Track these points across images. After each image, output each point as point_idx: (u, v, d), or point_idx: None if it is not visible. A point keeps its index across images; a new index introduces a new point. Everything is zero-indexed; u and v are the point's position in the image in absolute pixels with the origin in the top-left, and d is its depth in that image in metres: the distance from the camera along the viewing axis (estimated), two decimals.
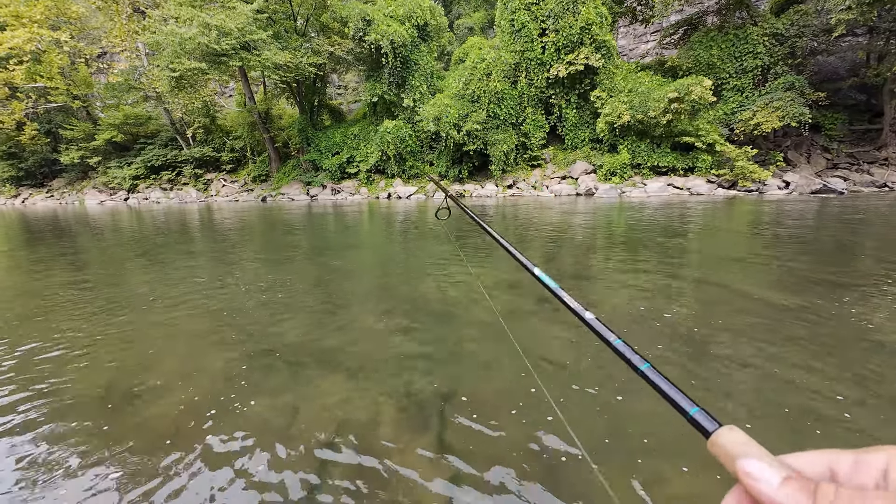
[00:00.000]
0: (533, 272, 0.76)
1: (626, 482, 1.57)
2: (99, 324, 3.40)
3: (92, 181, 31.98)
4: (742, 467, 0.29)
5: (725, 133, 18.59)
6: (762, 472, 0.28)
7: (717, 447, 0.32)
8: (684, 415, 0.38)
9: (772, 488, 0.27)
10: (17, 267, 6.18)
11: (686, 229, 7.81)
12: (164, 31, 19.69)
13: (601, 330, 0.52)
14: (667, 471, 1.61)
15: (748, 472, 0.28)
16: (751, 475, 0.28)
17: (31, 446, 1.87)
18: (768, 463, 0.28)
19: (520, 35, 21.02)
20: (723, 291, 3.82)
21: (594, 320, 0.54)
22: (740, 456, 0.30)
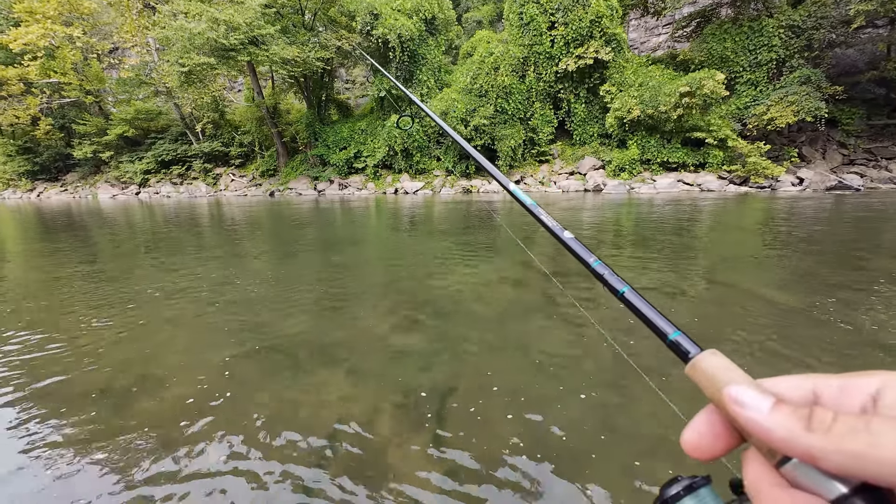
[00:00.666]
0: (507, 188, 0.72)
1: (625, 483, 1.56)
2: (106, 316, 3.46)
3: (104, 175, 32.46)
4: (729, 393, 0.27)
5: (738, 128, 18.23)
6: (751, 398, 0.26)
7: (697, 372, 0.31)
8: (663, 339, 0.37)
9: (761, 415, 0.25)
10: (32, 259, 6.32)
11: (695, 226, 7.70)
12: (174, 26, 19.81)
13: (579, 250, 0.50)
14: (664, 474, 1.60)
15: (735, 398, 0.27)
16: (738, 401, 0.26)
17: (35, 434, 1.91)
18: (755, 389, 0.27)
19: (528, 28, 20.77)
20: (729, 291, 3.76)
21: (572, 240, 0.52)
22: (726, 381, 0.28)
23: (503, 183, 0.74)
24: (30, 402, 2.20)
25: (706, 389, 0.30)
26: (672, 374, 2.28)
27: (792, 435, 0.24)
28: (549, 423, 1.92)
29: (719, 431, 0.29)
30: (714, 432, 0.29)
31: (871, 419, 0.22)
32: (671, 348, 0.36)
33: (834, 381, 0.26)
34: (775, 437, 0.24)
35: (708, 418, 0.29)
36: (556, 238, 0.54)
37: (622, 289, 0.42)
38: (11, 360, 2.71)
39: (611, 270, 0.45)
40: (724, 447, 0.29)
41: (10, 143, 32.09)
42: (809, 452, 0.23)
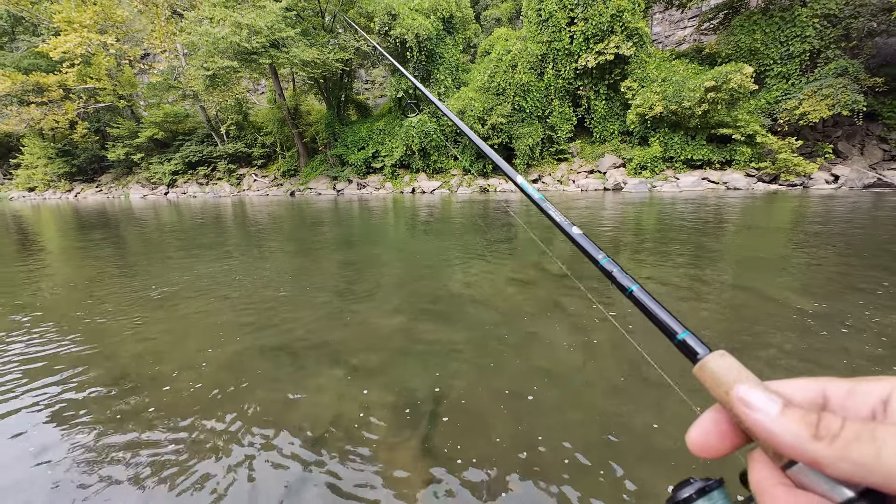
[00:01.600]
0: (515, 181, 0.72)
1: (630, 488, 1.51)
2: (125, 310, 3.60)
3: (136, 176, 33.90)
4: (738, 394, 0.27)
5: (767, 124, 17.47)
6: (759, 401, 0.26)
7: (705, 372, 0.30)
8: (671, 338, 0.37)
9: (769, 418, 0.25)
10: (66, 255, 6.65)
11: (719, 226, 7.42)
12: (199, 31, 20.46)
13: (588, 247, 0.49)
14: (673, 482, 1.54)
15: (744, 398, 0.26)
16: (748, 403, 0.26)
17: (48, 424, 2.00)
18: (764, 391, 0.26)
19: (547, 25, 20.46)
20: (749, 294, 3.60)
21: (581, 236, 0.51)
22: (735, 382, 0.28)
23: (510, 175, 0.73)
24: (47, 391, 2.31)
25: (713, 390, 0.29)
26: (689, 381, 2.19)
27: (799, 441, 0.23)
28: (551, 426, 1.89)
29: (725, 431, 0.29)
30: (720, 431, 0.29)
31: (876, 427, 0.22)
32: (679, 348, 0.35)
33: (844, 384, 0.26)
34: (782, 441, 0.24)
35: (714, 417, 0.29)
36: (564, 233, 0.53)
37: (631, 287, 0.42)
38: (34, 349, 2.86)
39: (620, 268, 0.45)
40: (729, 447, 0.29)
41: (51, 146, 33.92)
42: (816, 459, 0.23)
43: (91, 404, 2.22)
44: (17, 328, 3.36)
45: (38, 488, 1.66)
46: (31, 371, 2.61)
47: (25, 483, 1.69)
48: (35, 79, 28.73)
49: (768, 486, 0.26)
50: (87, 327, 3.35)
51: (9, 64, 31.99)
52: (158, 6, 26.92)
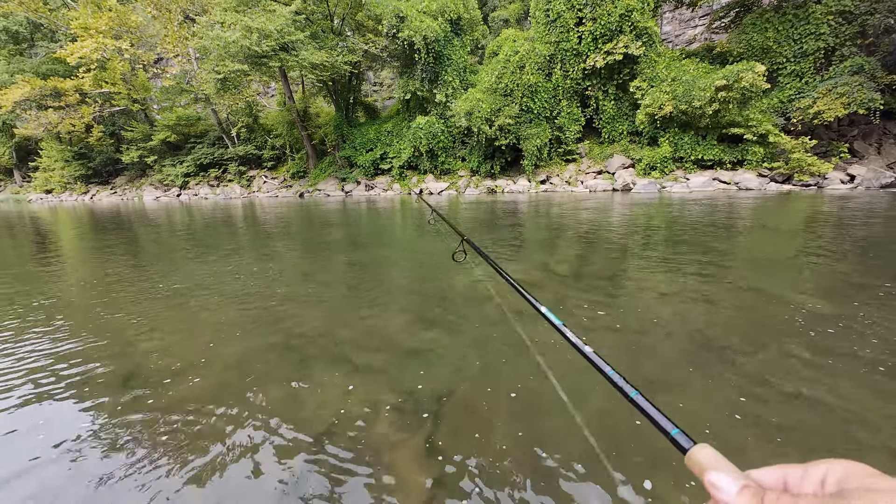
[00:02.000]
0: (539, 310, 0.90)
1: (625, 495, 1.51)
2: (137, 308, 3.68)
3: (149, 178, 34.52)
4: (707, 477, 0.34)
5: (780, 123, 17.17)
6: (723, 483, 0.33)
7: (692, 462, 0.38)
8: (666, 435, 0.44)
9: (730, 496, 0.32)
10: (83, 255, 6.81)
11: (730, 227, 7.32)
12: (211, 35, 20.79)
13: (598, 363, 0.61)
14: (676, 485, 1.53)
15: (712, 482, 0.34)
16: (714, 485, 0.34)
17: (59, 420, 2.06)
18: (729, 474, 0.33)
19: (555, 25, 20.39)
20: (759, 297, 3.55)
21: (592, 354, 0.63)
22: (708, 469, 0.35)
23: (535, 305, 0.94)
24: (62, 388, 2.37)
25: (699, 476, 0.36)
26: (687, 388, 2.18)
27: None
28: (555, 429, 1.88)
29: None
30: None
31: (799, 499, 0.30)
32: (672, 442, 0.43)
33: (799, 469, 0.33)
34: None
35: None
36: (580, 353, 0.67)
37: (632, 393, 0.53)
38: (49, 345, 2.93)
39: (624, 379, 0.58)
40: None
41: (68, 149, 34.71)
42: None
43: (103, 397, 2.28)
44: (34, 324, 3.45)
45: (53, 473, 1.70)
46: (47, 365, 2.68)
47: (42, 468, 1.74)
48: (53, 84, 29.47)
49: None
50: (101, 324, 3.42)
51: (28, 69, 32.85)
52: (171, 11, 27.43)
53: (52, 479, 1.72)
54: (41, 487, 1.67)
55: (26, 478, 1.73)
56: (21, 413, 2.19)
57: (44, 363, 2.76)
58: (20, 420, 2.13)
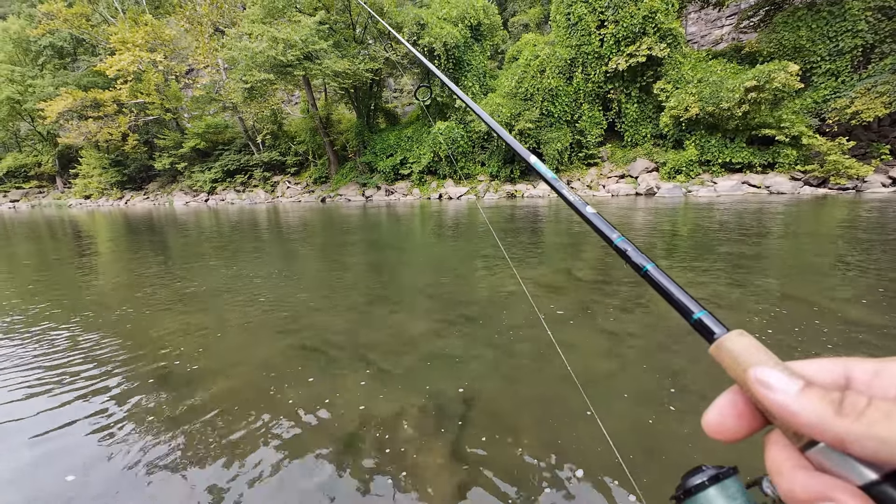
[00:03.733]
0: (528, 161, 0.72)
1: (655, 500, 1.46)
2: (169, 311, 3.82)
3: (179, 184, 35.90)
4: (755, 374, 0.26)
5: (815, 124, 16.49)
6: (778, 381, 0.25)
7: (722, 352, 0.29)
8: (688, 318, 0.35)
9: (789, 397, 0.24)
10: (117, 258, 7.14)
11: (761, 232, 7.05)
12: (239, 46, 21.58)
13: (602, 226, 0.49)
14: None
15: (762, 379, 0.26)
16: (765, 383, 0.25)
17: (100, 415, 2.15)
18: (784, 371, 0.26)
19: (576, 29, 20.24)
20: (796, 304, 3.40)
21: (595, 215, 0.50)
22: (752, 363, 0.27)
23: (523, 155, 0.73)
24: (100, 387, 2.49)
25: (731, 370, 0.28)
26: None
27: (822, 419, 0.23)
28: (579, 435, 1.85)
29: (743, 413, 0.28)
30: (737, 413, 0.28)
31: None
32: (695, 328, 0.34)
33: (869, 365, 0.25)
34: (804, 420, 0.23)
35: (732, 399, 0.28)
36: (577, 213, 0.53)
37: (646, 266, 0.41)
38: (87, 348, 3.08)
39: (634, 247, 0.44)
40: (747, 429, 0.28)
41: (105, 156, 36.52)
42: (839, 437, 0.22)
43: (137, 397, 2.37)
44: (73, 324, 3.63)
45: (96, 461, 1.78)
46: (84, 367, 2.81)
47: (85, 458, 1.82)
48: (93, 95, 31.14)
49: (786, 469, 0.25)
50: (138, 325, 3.57)
51: (71, 82, 34.85)
52: (202, 24, 28.63)
53: (94, 466, 1.80)
54: (83, 472, 1.75)
55: (70, 464, 1.82)
56: (70, 407, 2.31)
57: (87, 363, 2.90)
58: (65, 415, 2.24)
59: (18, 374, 2.70)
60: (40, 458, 1.88)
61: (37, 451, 1.93)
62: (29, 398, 2.41)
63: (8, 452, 1.93)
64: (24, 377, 2.66)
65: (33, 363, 2.87)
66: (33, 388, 2.51)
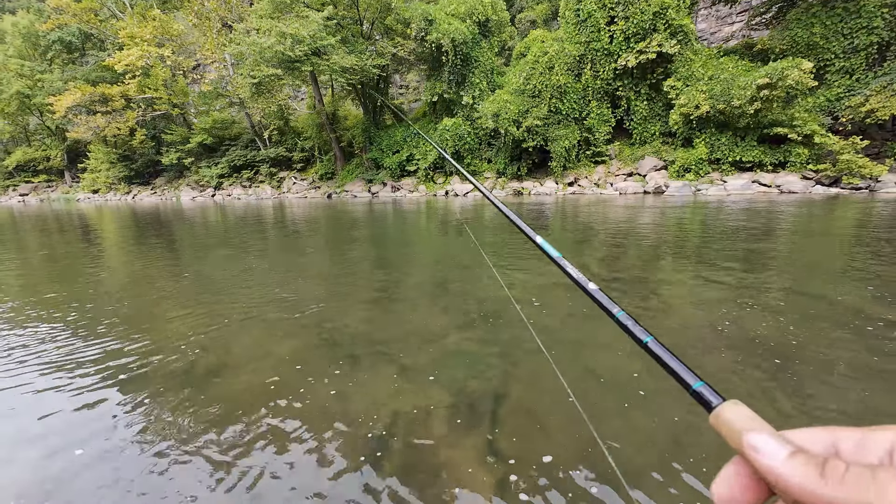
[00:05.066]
0: (535, 241, 0.74)
1: (689, 499, 1.42)
2: (187, 307, 3.82)
3: (186, 179, 36.09)
4: (747, 441, 0.28)
5: (828, 122, 16.25)
6: (768, 446, 0.27)
7: (720, 421, 0.31)
8: (687, 388, 0.37)
9: (778, 461, 0.26)
10: (128, 253, 7.16)
11: (773, 231, 6.95)
12: (247, 41, 21.58)
13: (604, 301, 0.52)
14: None
15: (754, 445, 0.27)
16: (756, 449, 0.27)
17: (123, 411, 2.14)
18: (774, 437, 0.27)
19: (585, 25, 20.06)
20: (812, 302, 3.33)
21: (597, 291, 0.54)
22: (746, 430, 0.29)
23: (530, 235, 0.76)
24: (123, 383, 2.48)
25: (729, 439, 0.30)
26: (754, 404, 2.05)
27: (806, 482, 0.24)
28: (608, 435, 1.81)
29: (747, 483, 0.29)
30: (742, 484, 0.29)
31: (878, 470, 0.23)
32: (695, 398, 0.36)
33: (854, 434, 0.27)
34: (791, 483, 0.25)
35: (735, 469, 0.30)
36: (582, 289, 0.57)
37: (646, 339, 0.44)
38: (107, 344, 3.07)
39: (634, 321, 0.47)
40: (752, 499, 0.29)
41: (113, 151, 36.74)
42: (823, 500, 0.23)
43: (159, 393, 2.36)
44: (86, 319, 3.63)
45: (111, 454, 1.77)
46: (101, 363, 2.81)
47: (102, 448, 1.81)
48: (101, 90, 31.32)
49: None
50: (151, 322, 3.57)
51: (80, 77, 35.04)
52: (210, 19, 28.65)
53: (115, 456, 1.78)
54: (103, 460, 1.74)
55: (91, 453, 1.80)
56: (91, 399, 2.30)
57: (109, 357, 2.89)
58: (86, 407, 2.23)
59: (35, 360, 2.70)
60: (51, 432, 1.87)
61: (47, 427, 1.92)
62: (42, 378, 2.40)
63: (18, 426, 1.93)
64: (41, 362, 2.66)
65: (51, 350, 2.86)
66: (50, 372, 2.50)
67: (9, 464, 1.78)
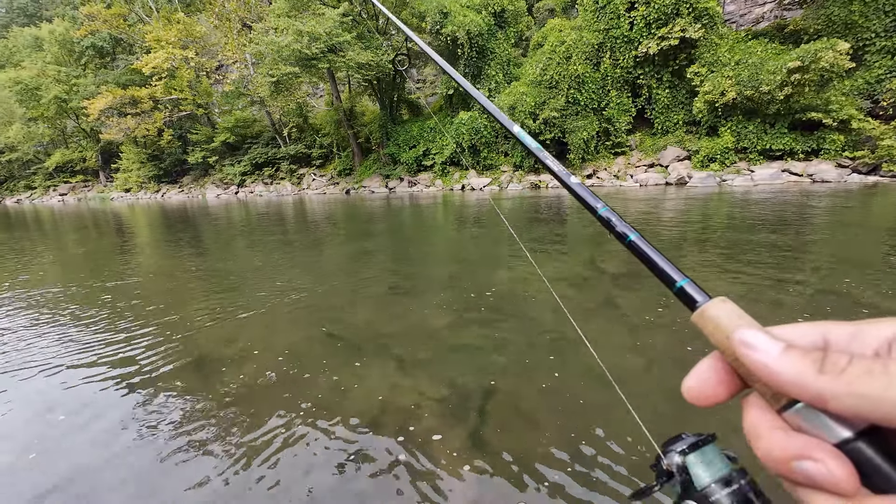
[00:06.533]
0: (511, 130, 0.73)
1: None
2: (201, 300, 3.99)
3: (211, 178, 37.23)
4: (739, 335, 0.27)
5: (866, 106, 15.32)
6: (761, 342, 0.25)
7: (705, 319, 0.30)
8: (671, 287, 0.35)
9: (771, 357, 0.25)
10: (156, 247, 7.51)
11: (804, 223, 6.65)
12: (266, 41, 21.98)
13: (586, 196, 0.48)
14: None
15: (745, 341, 0.26)
16: (748, 344, 0.26)
17: (137, 396, 2.27)
18: (766, 333, 0.26)
19: (604, 12, 19.47)
20: (842, 301, 3.20)
21: (579, 185, 0.51)
22: (735, 326, 0.27)
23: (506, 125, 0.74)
24: (137, 367, 2.63)
25: (713, 336, 0.29)
26: None
27: (802, 377, 0.23)
28: (600, 430, 1.81)
29: (722, 378, 0.28)
30: (717, 379, 0.28)
31: (888, 362, 0.21)
32: (678, 296, 0.34)
33: (847, 327, 0.26)
34: (785, 379, 0.24)
35: (711, 364, 0.29)
36: (562, 183, 0.53)
37: (629, 235, 0.42)
38: (127, 331, 3.25)
39: (618, 216, 0.44)
40: (726, 393, 0.28)
41: (143, 151, 38.29)
42: (820, 394, 0.22)
43: (172, 379, 2.50)
44: (118, 311, 3.84)
45: (130, 441, 1.89)
46: (125, 348, 2.98)
47: (120, 436, 1.94)
48: (131, 93, 32.59)
49: (763, 430, 0.25)
50: (173, 313, 3.75)
51: (111, 81, 36.54)
52: (231, 20, 29.31)
53: (125, 444, 1.91)
54: (113, 444, 1.87)
55: (102, 441, 1.94)
56: (105, 390, 2.45)
57: (126, 347, 3.06)
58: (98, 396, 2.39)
59: (59, 342, 2.89)
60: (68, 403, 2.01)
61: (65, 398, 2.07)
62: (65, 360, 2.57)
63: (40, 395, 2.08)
64: (65, 346, 2.85)
65: (78, 336, 3.06)
66: (74, 356, 2.68)
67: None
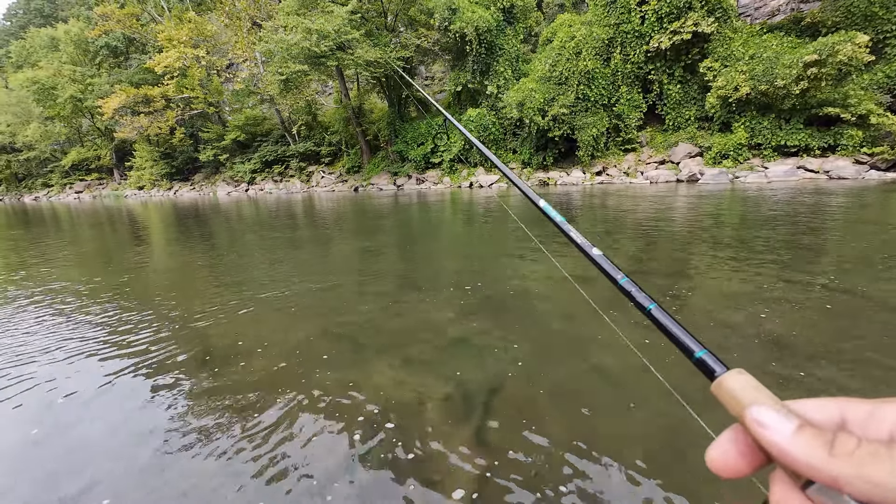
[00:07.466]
0: (538, 205, 0.77)
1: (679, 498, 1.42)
2: (211, 296, 4.06)
3: (222, 175, 37.71)
4: (751, 414, 0.27)
5: (886, 101, 14.92)
6: (774, 420, 0.26)
7: (722, 391, 0.30)
8: (689, 357, 0.37)
9: (784, 437, 0.25)
10: (167, 245, 7.64)
11: (819, 221, 6.52)
12: (275, 39, 22.13)
13: (607, 267, 0.52)
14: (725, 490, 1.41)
15: (758, 419, 0.26)
16: (761, 423, 0.26)
17: (148, 392, 2.33)
18: (780, 410, 0.26)
19: (615, 6, 19.22)
20: (852, 300, 3.14)
21: (601, 257, 0.54)
22: (750, 402, 0.27)
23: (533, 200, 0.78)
24: (144, 361, 2.69)
25: (731, 409, 0.29)
26: None
27: (814, 459, 0.23)
28: (603, 430, 1.81)
29: (744, 451, 0.28)
30: (739, 451, 0.28)
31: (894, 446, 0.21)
32: (697, 366, 0.36)
33: (863, 406, 0.26)
34: (797, 460, 0.24)
35: (733, 437, 0.29)
36: (585, 255, 0.56)
37: (649, 306, 0.43)
38: (136, 325, 3.33)
39: (638, 288, 0.46)
40: (749, 467, 0.28)
41: (155, 150, 38.92)
42: (832, 477, 0.22)
43: (179, 375, 2.55)
44: (125, 307, 3.93)
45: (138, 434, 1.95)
46: (134, 344, 3.05)
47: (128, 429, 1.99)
48: (144, 91, 33.07)
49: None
50: (180, 308, 3.83)
51: (124, 80, 37.13)
52: (241, 19, 29.55)
53: (133, 437, 1.96)
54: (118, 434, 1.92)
55: (114, 434, 1.99)
56: (113, 384, 2.52)
57: (140, 342, 3.13)
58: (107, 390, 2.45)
59: (73, 336, 2.97)
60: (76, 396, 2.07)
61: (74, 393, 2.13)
62: (75, 356, 2.65)
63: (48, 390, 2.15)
64: (75, 339, 2.92)
65: (90, 330, 3.14)
66: (84, 350, 2.76)
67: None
